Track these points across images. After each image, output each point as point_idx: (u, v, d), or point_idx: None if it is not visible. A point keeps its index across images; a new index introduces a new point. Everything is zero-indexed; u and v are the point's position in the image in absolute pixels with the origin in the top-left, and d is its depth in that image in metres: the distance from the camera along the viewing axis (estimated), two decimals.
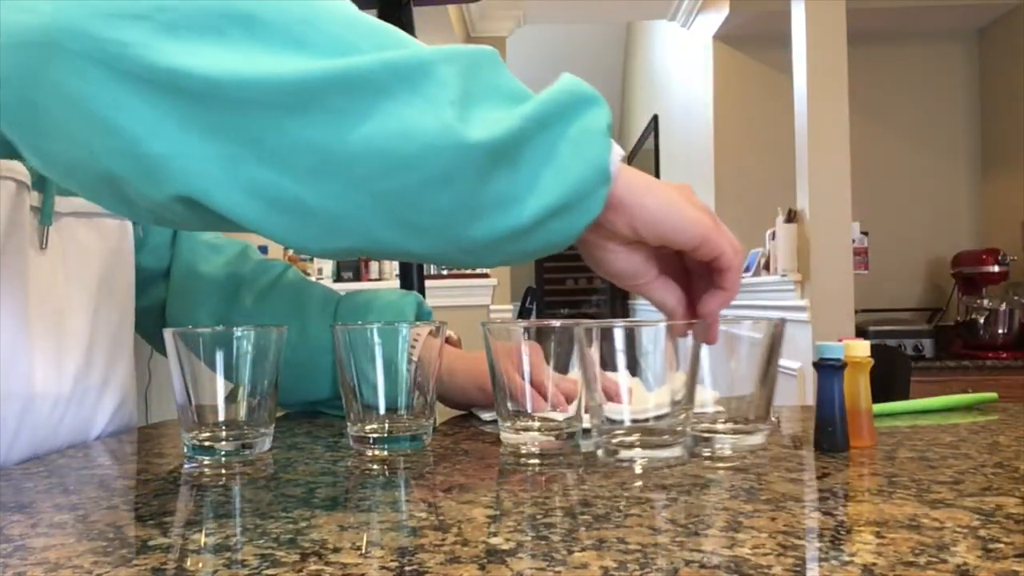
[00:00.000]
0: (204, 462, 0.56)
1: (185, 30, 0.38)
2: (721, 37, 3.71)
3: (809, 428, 0.64)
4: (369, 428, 0.60)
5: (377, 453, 0.58)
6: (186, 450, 0.57)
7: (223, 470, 0.54)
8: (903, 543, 0.35)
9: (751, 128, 3.68)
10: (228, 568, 0.33)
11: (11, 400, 0.60)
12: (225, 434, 0.57)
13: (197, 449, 0.57)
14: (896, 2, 3.35)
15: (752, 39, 3.65)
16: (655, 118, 5.58)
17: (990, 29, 3.57)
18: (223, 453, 0.57)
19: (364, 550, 0.35)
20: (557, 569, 0.32)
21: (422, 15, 1.39)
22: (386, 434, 0.59)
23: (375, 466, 0.55)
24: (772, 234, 2.96)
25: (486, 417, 0.74)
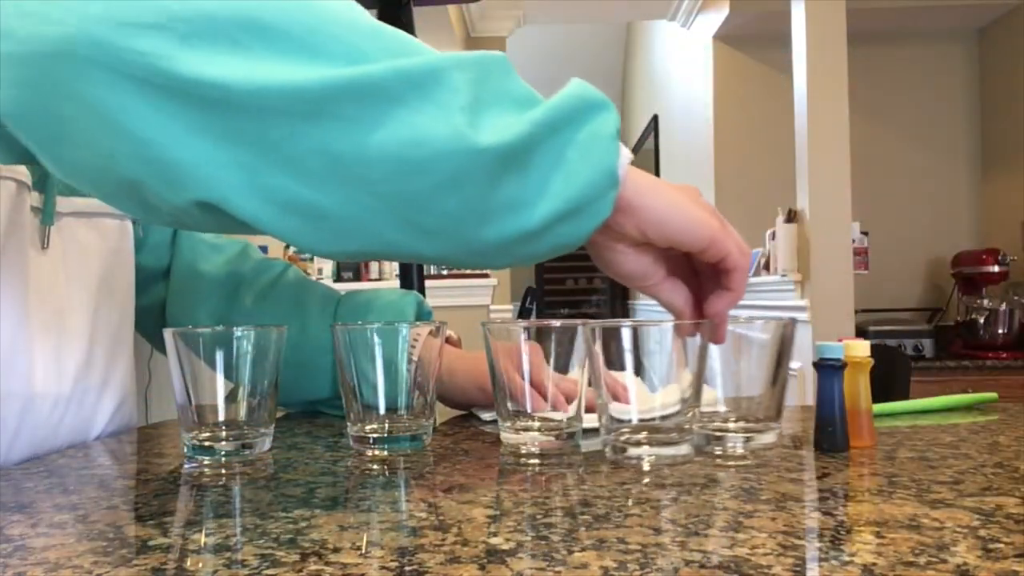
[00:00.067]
0: (204, 462, 0.56)
1: (201, 40, 0.38)
2: (721, 37, 3.71)
3: (809, 428, 0.64)
4: (369, 428, 0.60)
5: (377, 453, 0.59)
6: (186, 450, 0.57)
7: (223, 470, 0.54)
8: (903, 543, 0.35)
9: (751, 128, 3.69)
10: (228, 568, 0.33)
11: (11, 400, 0.60)
12: (225, 434, 0.57)
13: (197, 449, 0.57)
14: (896, 2, 3.35)
15: (752, 39, 3.65)
16: (655, 118, 5.58)
17: (990, 29, 3.57)
18: (223, 453, 0.57)
19: (364, 550, 0.35)
20: (557, 569, 0.32)
21: (422, 15, 1.39)
22: (386, 434, 0.59)
23: (375, 466, 0.55)
24: (772, 234, 2.96)
25: (486, 417, 0.74)
